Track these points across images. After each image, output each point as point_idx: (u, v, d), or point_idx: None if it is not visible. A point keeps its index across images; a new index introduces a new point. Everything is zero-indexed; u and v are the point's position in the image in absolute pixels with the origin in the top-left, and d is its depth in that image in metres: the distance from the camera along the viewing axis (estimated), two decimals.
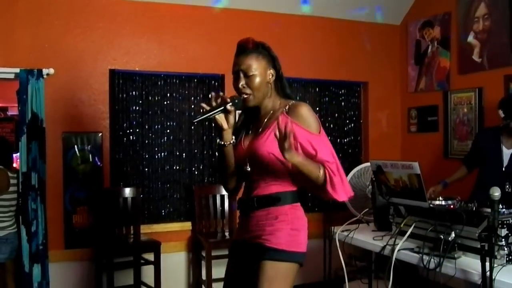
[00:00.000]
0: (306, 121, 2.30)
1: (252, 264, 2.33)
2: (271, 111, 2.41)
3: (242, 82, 2.34)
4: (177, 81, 5.22)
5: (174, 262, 5.04)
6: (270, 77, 2.39)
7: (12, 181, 4.47)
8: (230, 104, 2.28)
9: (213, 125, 2.46)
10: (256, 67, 2.33)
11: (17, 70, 4.44)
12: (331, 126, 5.86)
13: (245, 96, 2.35)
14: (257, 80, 2.33)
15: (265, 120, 2.40)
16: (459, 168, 4.42)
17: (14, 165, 4.83)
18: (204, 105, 2.27)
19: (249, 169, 2.38)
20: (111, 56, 4.85)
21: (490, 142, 4.11)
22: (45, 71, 4.51)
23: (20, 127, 4.50)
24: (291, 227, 2.32)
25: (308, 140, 2.28)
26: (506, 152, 4.00)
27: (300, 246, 2.34)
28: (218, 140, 2.38)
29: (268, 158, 2.30)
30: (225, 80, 5.17)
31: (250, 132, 2.47)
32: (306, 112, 2.32)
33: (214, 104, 2.27)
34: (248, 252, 2.40)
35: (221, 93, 2.32)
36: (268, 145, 2.29)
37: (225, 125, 2.31)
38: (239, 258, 2.49)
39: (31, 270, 4.41)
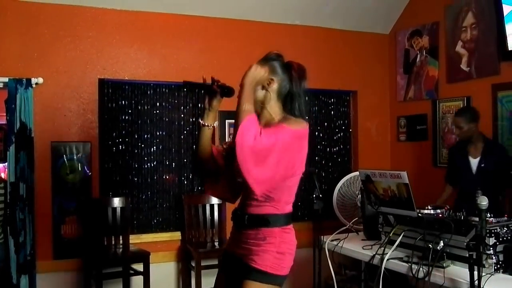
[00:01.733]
0: (287, 120, 2.30)
1: (237, 280, 2.34)
2: (271, 121, 2.37)
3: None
4: (167, 91, 5.21)
5: (164, 272, 5.00)
6: (267, 85, 2.37)
7: (0, 191, 4.43)
8: (216, 84, 2.45)
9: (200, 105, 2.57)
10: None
11: (6, 79, 4.42)
12: (321, 135, 5.87)
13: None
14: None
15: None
16: (444, 187, 4.61)
17: (2, 175, 4.79)
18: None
19: (240, 180, 2.34)
20: (100, 66, 4.84)
21: (459, 155, 4.42)
22: (34, 80, 4.49)
23: (8, 137, 4.47)
24: (277, 251, 2.31)
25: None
26: (473, 162, 4.29)
27: (283, 269, 2.34)
28: (199, 119, 2.49)
29: None
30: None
31: None
32: (296, 119, 2.32)
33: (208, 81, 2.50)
34: (235, 267, 2.41)
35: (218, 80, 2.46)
36: None
37: (206, 105, 2.48)
38: (227, 270, 2.50)
39: (18, 281, 4.37)
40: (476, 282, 2.44)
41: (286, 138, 2.19)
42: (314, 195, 3.95)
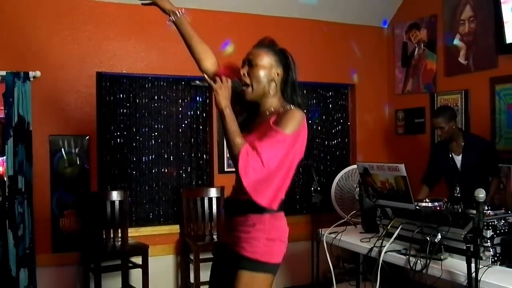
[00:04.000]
0: (284, 118, 2.25)
1: (230, 270, 2.33)
2: (268, 112, 2.38)
3: (244, 70, 2.36)
4: (165, 84, 5.21)
5: (162, 266, 5.02)
6: (275, 75, 2.37)
7: None
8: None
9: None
10: (262, 59, 2.34)
11: (3, 72, 4.41)
12: (319, 128, 5.88)
13: (244, 87, 2.35)
14: (260, 72, 2.33)
15: (262, 118, 2.38)
16: (420, 188, 4.52)
17: (1, 168, 4.79)
18: None
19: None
20: (98, 59, 4.83)
21: (442, 154, 4.44)
22: (31, 73, 4.48)
23: (6, 130, 4.46)
24: (266, 237, 2.28)
25: (267, 129, 2.24)
26: (457, 159, 4.34)
27: (274, 257, 2.31)
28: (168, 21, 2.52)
29: None
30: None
31: (247, 130, 2.39)
32: (292, 113, 2.28)
33: None
34: (227, 256, 2.40)
35: None
36: None
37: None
38: (221, 260, 2.49)
39: (18, 274, 4.38)
40: (474, 275, 2.46)
41: (287, 148, 2.20)
42: (312, 188, 3.97)
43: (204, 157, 5.34)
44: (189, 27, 2.54)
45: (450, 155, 4.37)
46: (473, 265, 2.46)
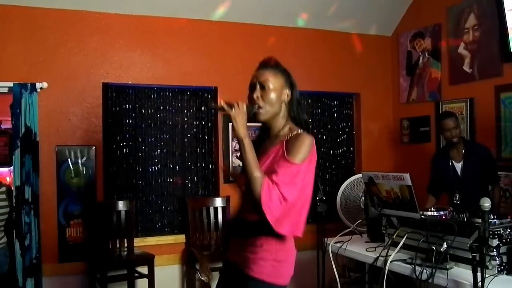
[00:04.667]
0: (294, 146, 2.23)
1: None
2: (277, 135, 2.37)
3: (257, 94, 2.33)
4: (170, 94, 5.24)
5: (168, 275, 5.02)
6: (285, 97, 2.37)
7: (1, 196, 4.45)
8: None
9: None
10: (273, 81, 2.33)
11: (11, 84, 4.46)
12: (324, 137, 5.89)
13: (257, 109, 2.33)
14: (272, 94, 2.32)
15: (271, 142, 2.37)
16: (427, 198, 4.51)
17: (8, 179, 4.82)
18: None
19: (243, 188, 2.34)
20: (104, 70, 4.87)
21: (443, 162, 4.44)
22: (38, 85, 4.52)
23: (13, 141, 4.50)
24: (274, 258, 2.27)
25: (278, 160, 2.23)
26: (457, 166, 4.34)
27: (281, 278, 2.30)
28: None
29: None
30: (218, 92, 5.20)
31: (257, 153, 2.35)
32: (301, 140, 2.25)
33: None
34: (234, 275, 2.40)
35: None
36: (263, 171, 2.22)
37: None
38: (227, 279, 2.48)
39: (24, 284, 4.39)
40: (480, 284, 2.45)
41: (303, 177, 2.22)
42: (317, 198, 3.97)
43: (210, 166, 5.35)
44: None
45: (451, 163, 4.37)
46: (479, 274, 2.45)
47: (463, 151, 4.30)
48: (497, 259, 2.74)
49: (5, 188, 4.49)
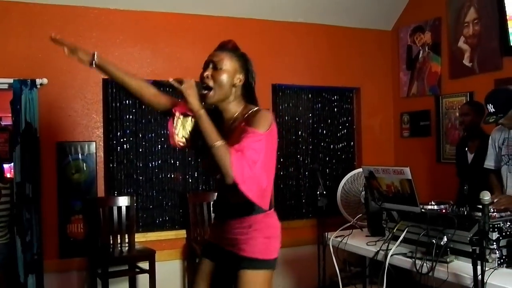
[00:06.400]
0: (255, 120, 2.27)
1: (228, 272, 2.38)
2: (235, 116, 2.41)
3: (208, 72, 2.36)
4: (170, 90, 5.20)
5: (169, 271, 5.03)
6: (238, 81, 2.39)
7: (4, 192, 4.46)
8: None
9: None
10: (228, 63, 2.36)
11: (11, 80, 4.46)
12: (324, 132, 5.88)
13: (206, 91, 2.34)
14: (224, 76, 2.34)
15: (230, 125, 2.40)
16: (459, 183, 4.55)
17: (8, 175, 4.83)
18: None
19: (219, 176, 2.33)
20: None
21: (460, 149, 4.53)
22: (38, 81, 4.52)
23: (14, 137, 4.50)
24: (264, 236, 2.36)
25: (243, 131, 2.24)
26: (470, 157, 4.38)
27: (273, 253, 2.39)
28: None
29: None
30: None
31: None
32: (261, 113, 2.31)
33: None
34: (223, 258, 2.45)
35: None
36: None
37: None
38: (216, 263, 2.52)
39: (26, 280, 4.41)
40: (480, 277, 2.46)
41: (266, 145, 2.24)
42: (318, 192, 3.98)
43: None
44: (114, 67, 2.56)
45: (466, 151, 4.42)
46: (479, 267, 2.45)
47: (478, 144, 4.28)
48: (497, 252, 2.74)
49: (9, 184, 4.51)
